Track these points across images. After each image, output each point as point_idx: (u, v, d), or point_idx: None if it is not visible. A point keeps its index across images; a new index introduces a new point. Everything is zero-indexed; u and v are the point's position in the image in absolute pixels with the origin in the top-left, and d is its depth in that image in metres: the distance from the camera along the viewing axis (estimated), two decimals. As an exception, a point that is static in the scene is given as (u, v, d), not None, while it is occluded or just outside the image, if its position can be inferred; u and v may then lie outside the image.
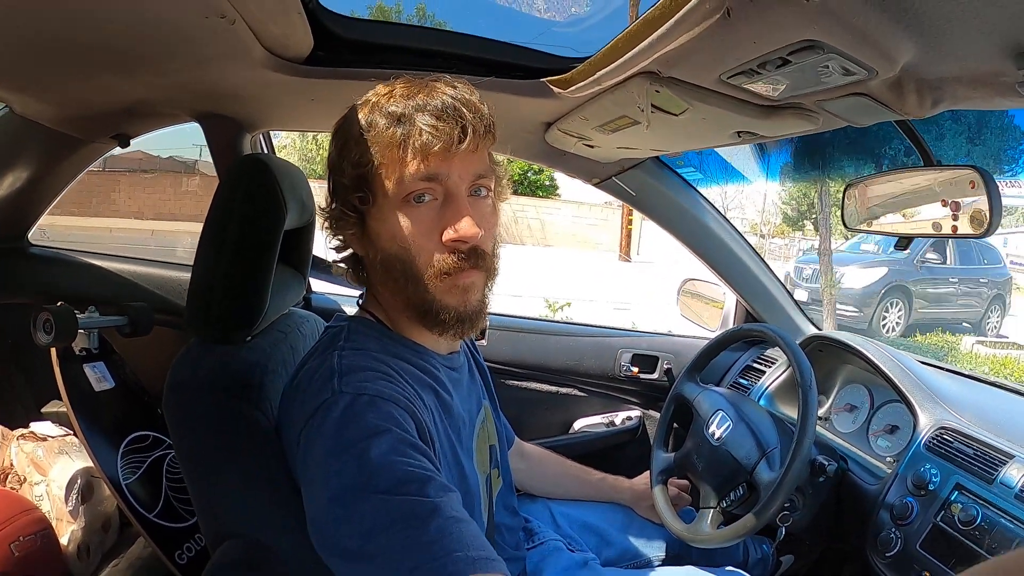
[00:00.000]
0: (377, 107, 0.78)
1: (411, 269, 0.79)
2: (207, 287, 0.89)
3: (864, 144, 5.94)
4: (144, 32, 0.84)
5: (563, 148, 1.38)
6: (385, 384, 0.74)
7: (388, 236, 0.79)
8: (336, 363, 0.76)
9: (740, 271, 1.72)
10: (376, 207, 0.79)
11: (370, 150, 0.77)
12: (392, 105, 0.77)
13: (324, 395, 0.72)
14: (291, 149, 18.60)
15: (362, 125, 0.78)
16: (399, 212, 0.78)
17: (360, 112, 0.80)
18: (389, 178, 0.77)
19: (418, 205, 0.77)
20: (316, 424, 0.71)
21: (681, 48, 0.72)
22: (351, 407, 0.70)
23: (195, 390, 0.83)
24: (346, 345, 0.80)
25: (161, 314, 1.51)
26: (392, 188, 0.77)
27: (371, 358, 0.78)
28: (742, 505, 1.16)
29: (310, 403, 0.73)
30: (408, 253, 0.78)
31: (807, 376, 1.12)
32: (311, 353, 0.84)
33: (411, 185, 0.76)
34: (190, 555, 1.20)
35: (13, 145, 1.36)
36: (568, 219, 20.32)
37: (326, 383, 0.74)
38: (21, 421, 1.46)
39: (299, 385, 0.79)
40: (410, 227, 0.77)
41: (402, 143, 0.75)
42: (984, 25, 0.52)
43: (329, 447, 0.68)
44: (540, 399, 1.88)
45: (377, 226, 0.80)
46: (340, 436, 0.68)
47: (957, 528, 1.02)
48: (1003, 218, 0.90)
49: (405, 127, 0.75)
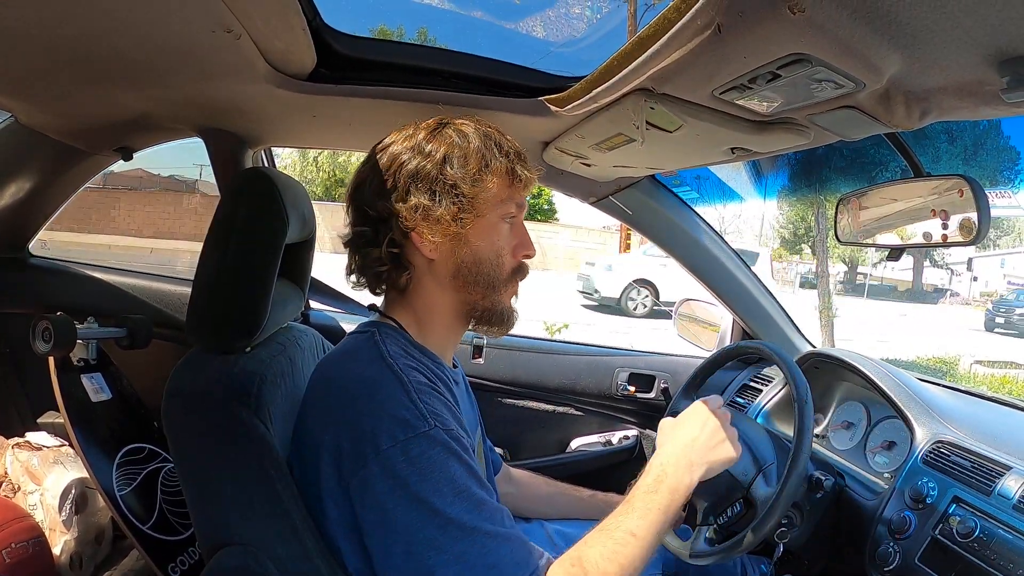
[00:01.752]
0: (486, 136, 0.91)
1: (497, 272, 0.92)
2: (208, 296, 0.90)
3: (862, 165, 6.00)
4: (152, 45, 0.86)
5: (560, 167, 1.40)
6: (448, 409, 0.84)
7: (487, 245, 0.91)
8: (406, 379, 0.82)
9: (736, 290, 1.73)
10: (478, 218, 0.89)
11: (485, 170, 0.89)
12: (499, 137, 0.92)
13: (416, 423, 0.77)
14: (291, 171, 18.73)
15: (480, 147, 0.89)
16: (498, 228, 0.92)
17: (461, 132, 0.90)
18: (497, 198, 0.90)
19: (509, 224, 0.93)
20: (411, 453, 0.76)
21: (674, 65, 0.74)
22: (447, 445, 0.78)
23: (194, 397, 0.83)
24: (392, 353, 0.86)
25: (160, 327, 1.51)
26: (497, 207, 0.91)
27: (418, 372, 0.85)
28: (739, 522, 1.15)
29: (390, 417, 0.77)
30: (499, 259, 0.92)
31: (803, 390, 1.12)
32: (346, 357, 0.89)
33: (509, 208, 0.92)
34: (184, 568, 1.19)
35: (17, 155, 1.38)
36: (566, 243, 20.39)
37: (405, 404, 0.79)
38: (17, 431, 1.46)
39: (349, 392, 0.82)
40: (504, 241, 0.93)
41: (511, 173, 0.90)
42: (965, 35, 0.54)
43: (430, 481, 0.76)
44: (537, 418, 1.88)
45: (477, 234, 0.90)
46: (444, 476, 0.77)
47: (955, 541, 1.01)
48: (1000, 238, 0.91)
49: (512, 162, 0.91)
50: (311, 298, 1.39)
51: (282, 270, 0.96)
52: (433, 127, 0.91)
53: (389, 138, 0.93)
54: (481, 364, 1.81)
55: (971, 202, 0.93)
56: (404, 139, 0.91)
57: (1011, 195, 10.82)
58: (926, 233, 1.00)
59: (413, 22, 17.61)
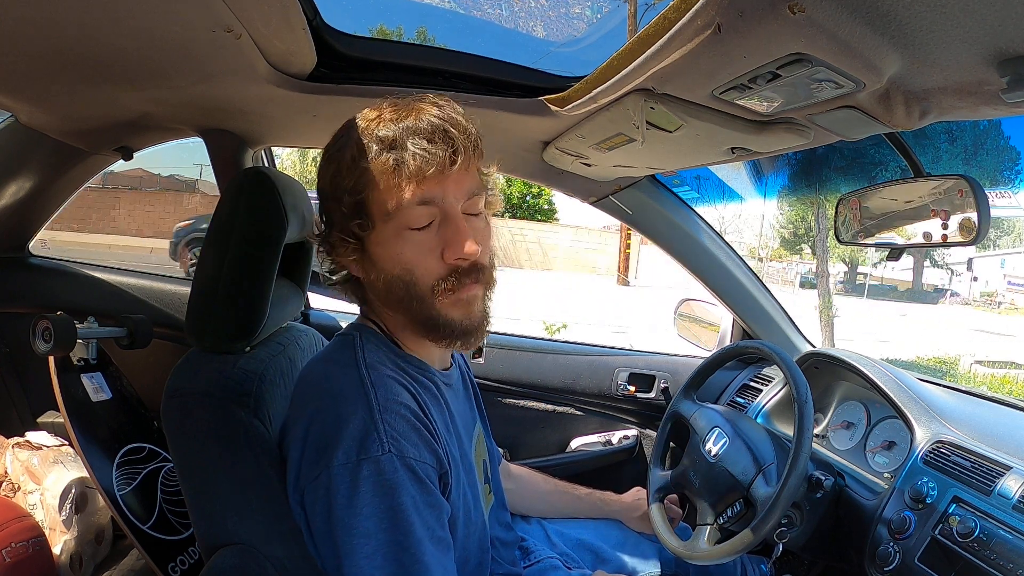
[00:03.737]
0: (367, 132, 0.79)
1: (415, 289, 0.80)
2: (208, 296, 0.90)
3: (862, 165, 6.01)
4: (152, 45, 0.86)
5: (560, 167, 1.40)
6: (415, 431, 0.77)
7: (390, 260, 0.80)
8: (373, 397, 0.77)
9: (736, 290, 1.73)
10: (376, 232, 0.80)
11: (365, 176, 0.78)
12: (382, 129, 0.78)
13: (370, 445, 0.73)
14: (291, 172, 18.74)
15: (354, 151, 0.79)
16: (399, 237, 0.79)
17: (350, 137, 0.81)
18: (387, 204, 0.78)
19: (417, 229, 0.79)
20: (360, 474, 0.73)
21: (674, 64, 0.74)
22: (395, 470, 0.73)
23: (194, 396, 0.83)
24: (369, 363, 0.81)
25: (160, 327, 1.51)
26: (390, 213, 0.78)
27: (396, 383, 0.80)
28: (739, 521, 1.15)
29: (347, 433, 0.74)
30: (412, 275, 0.80)
31: (802, 390, 1.12)
32: (325, 358, 0.86)
33: (409, 210, 0.78)
34: (183, 568, 1.19)
35: (17, 155, 1.38)
36: (567, 243, 20.40)
37: (366, 423, 0.74)
38: (17, 431, 1.46)
39: (316, 401, 0.79)
40: (412, 250, 0.80)
41: (396, 169, 0.76)
42: (965, 35, 0.54)
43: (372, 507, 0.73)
44: (537, 418, 1.88)
45: (378, 251, 0.81)
46: (383, 499, 0.73)
47: (955, 541, 1.01)
48: (1000, 238, 0.92)
49: (398, 152, 0.76)
50: (311, 290, 1.39)
51: (282, 270, 0.96)
52: (340, 132, 0.83)
53: None
54: (481, 364, 1.81)
55: (971, 202, 0.94)
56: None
57: (1011, 195, 10.86)
58: (926, 233, 1.00)
59: (413, 21, 17.63)
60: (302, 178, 18.39)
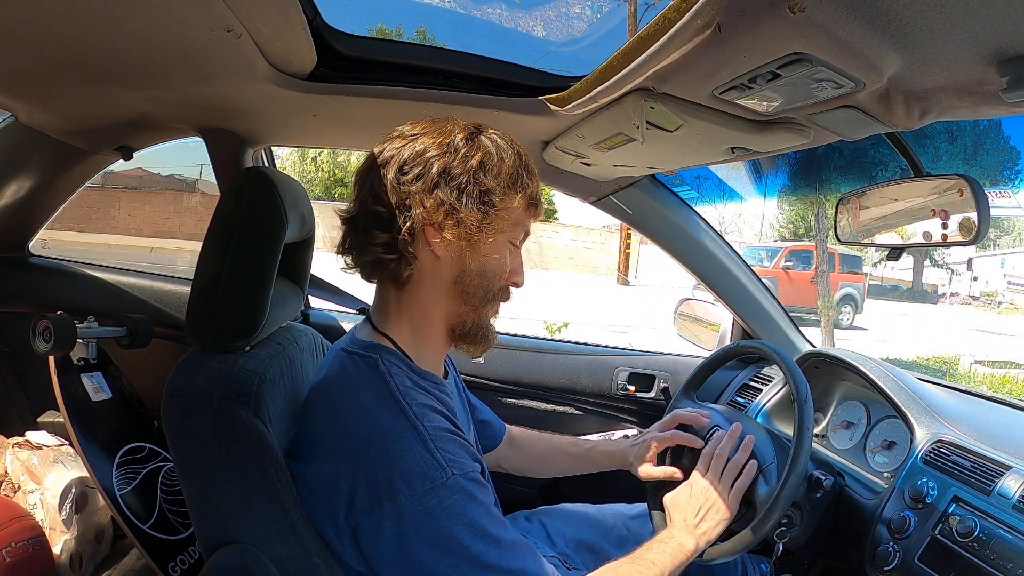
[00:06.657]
0: (520, 155, 0.90)
1: (489, 292, 0.91)
2: (208, 295, 0.89)
3: (862, 164, 6.01)
4: (152, 45, 0.86)
5: (560, 167, 1.40)
6: (461, 447, 0.84)
7: (495, 260, 0.90)
8: (422, 428, 0.81)
9: (736, 289, 1.73)
10: (496, 232, 0.88)
11: (515, 188, 0.88)
12: (528, 161, 0.91)
13: (434, 474, 0.78)
14: (291, 171, 18.74)
15: (515, 163, 0.89)
16: (504, 245, 0.91)
17: (496, 143, 0.88)
18: (516, 218, 0.90)
19: (513, 247, 0.93)
20: (430, 503, 0.78)
21: (674, 64, 0.74)
22: (461, 488, 0.80)
23: (194, 396, 0.83)
24: (403, 391, 0.85)
25: (160, 327, 1.51)
26: (514, 227, 0.91)
27: (431, 410, 0.85)
28: (739, 521, 1.15)
29: (408, 468, 0.78)
30: (498, 280, 0.91)
31: (802, 389, 1.12)
32: (356, 388, 0.86)
33: (520, 233, 0.93)
34: (183, 567, 1.19)
35: (17, 154, 1.38)
36: (566, 242, 20.38)
37: (423, 456, 0.79)
38: (17, 430, 1.46)
39: (362, 438, 0.81)
40: (507, 262, 0.92)
41: (533, 199, 0.91)
42: (965, 34, 0.54)
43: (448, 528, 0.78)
44: (537, 417, 1.88)
45: (488, 247, 0.89)
46: (458, 518, 0.79)
47: (955, 540, 1.01)
48: (1000, 238, 0.91)
49: (537, 189, 0.92)
50: (309, 293, 1.39)
51: (281, 269, 0.96)
52: (471, 130, 0.89)
53: (413, 128, 0.89)
54: (481, 364, 1.81)
55: (971, 202, 0.94)
56: (437, 133, 0.87)
57: (1011, 195, 10.87)
58: (926, 233, 1.00)
59: (413, 21, 17.62)
60: (302, 178, 18.41)
